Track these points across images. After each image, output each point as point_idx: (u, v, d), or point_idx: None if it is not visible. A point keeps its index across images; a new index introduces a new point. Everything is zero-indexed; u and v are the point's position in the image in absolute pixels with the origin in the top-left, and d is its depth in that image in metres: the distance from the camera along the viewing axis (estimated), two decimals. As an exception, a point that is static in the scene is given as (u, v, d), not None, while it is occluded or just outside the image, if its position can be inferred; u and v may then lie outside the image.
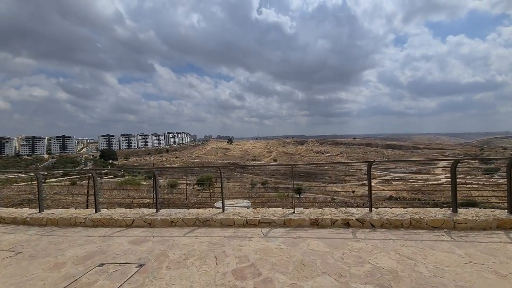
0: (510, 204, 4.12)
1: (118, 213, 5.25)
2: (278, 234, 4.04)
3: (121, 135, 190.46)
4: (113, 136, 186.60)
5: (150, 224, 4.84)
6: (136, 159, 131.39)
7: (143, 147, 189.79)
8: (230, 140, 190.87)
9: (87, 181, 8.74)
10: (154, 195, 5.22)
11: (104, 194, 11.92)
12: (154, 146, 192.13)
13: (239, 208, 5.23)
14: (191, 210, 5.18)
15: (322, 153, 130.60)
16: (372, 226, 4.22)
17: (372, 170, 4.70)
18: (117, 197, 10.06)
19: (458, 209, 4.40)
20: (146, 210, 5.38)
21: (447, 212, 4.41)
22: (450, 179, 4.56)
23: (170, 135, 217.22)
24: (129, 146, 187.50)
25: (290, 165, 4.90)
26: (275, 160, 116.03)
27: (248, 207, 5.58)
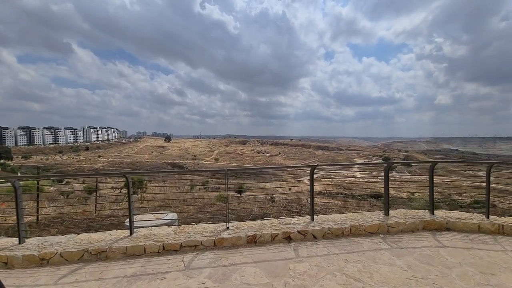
0: (432, 206, 4.38)
1: None
2: (205, 263, 3.07)
3: (19, 128, 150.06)
4: (6, 128, 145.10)
5: (6, 263, 3.09)
6: (41, 158, 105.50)
7: (53, 143, 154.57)
8: (168, 138, 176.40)
9: None
10: (17, 218, 3.40)
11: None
12: (69, 143, 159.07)
13: (157, 227, 3.99)
14: (81, 236, 3.62)
15: (263, 153, 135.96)
16: (314, 238, 3.77)
17: (307, 170, 4.33)
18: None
19: (389, 211, 4.45)
20: (1, 241, 3.49)
21: (380, 215, 4.39)
22: (375, 181, 4.60)
23: (92, 130, 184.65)
24: (30, 141, 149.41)
25: (224, 170, 3.99)
26: (216, 160, 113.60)
27: (170, 224, 4.39)
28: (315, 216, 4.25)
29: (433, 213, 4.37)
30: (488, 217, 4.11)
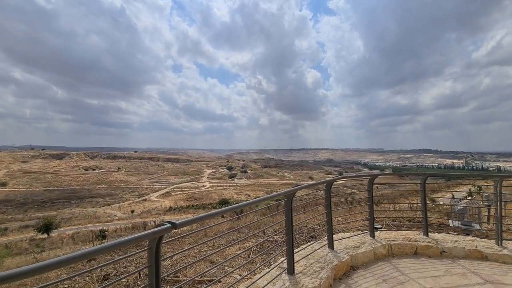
0: (373, 231, 3.20)
1: None
2: None
3: None
4: None
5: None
6: None
7: None
8: None
9: None
10: None
11: None
12: None
13: None
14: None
15: (93, 170, 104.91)
16: None
17: (154, 184, 1.74)
18: None
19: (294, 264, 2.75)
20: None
21: (283, 275, 2.57)
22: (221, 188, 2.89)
23: None
24: None
25: None
26: (4, 185, 70.70)
27: None
28: None
29: (373, 236, 3.21)
30: (427, 234, 3.58)
